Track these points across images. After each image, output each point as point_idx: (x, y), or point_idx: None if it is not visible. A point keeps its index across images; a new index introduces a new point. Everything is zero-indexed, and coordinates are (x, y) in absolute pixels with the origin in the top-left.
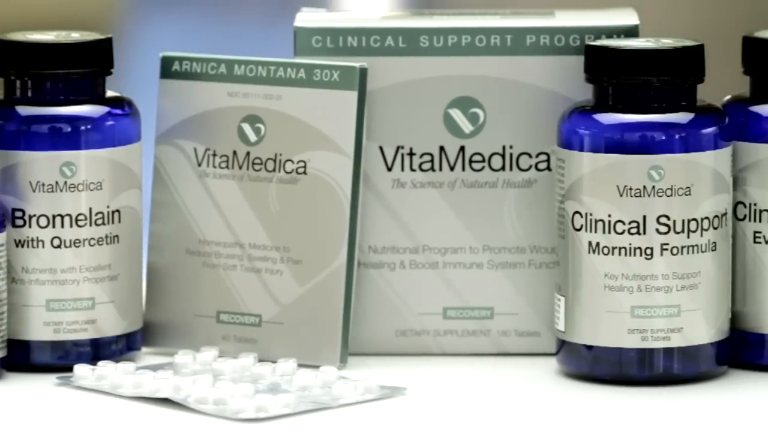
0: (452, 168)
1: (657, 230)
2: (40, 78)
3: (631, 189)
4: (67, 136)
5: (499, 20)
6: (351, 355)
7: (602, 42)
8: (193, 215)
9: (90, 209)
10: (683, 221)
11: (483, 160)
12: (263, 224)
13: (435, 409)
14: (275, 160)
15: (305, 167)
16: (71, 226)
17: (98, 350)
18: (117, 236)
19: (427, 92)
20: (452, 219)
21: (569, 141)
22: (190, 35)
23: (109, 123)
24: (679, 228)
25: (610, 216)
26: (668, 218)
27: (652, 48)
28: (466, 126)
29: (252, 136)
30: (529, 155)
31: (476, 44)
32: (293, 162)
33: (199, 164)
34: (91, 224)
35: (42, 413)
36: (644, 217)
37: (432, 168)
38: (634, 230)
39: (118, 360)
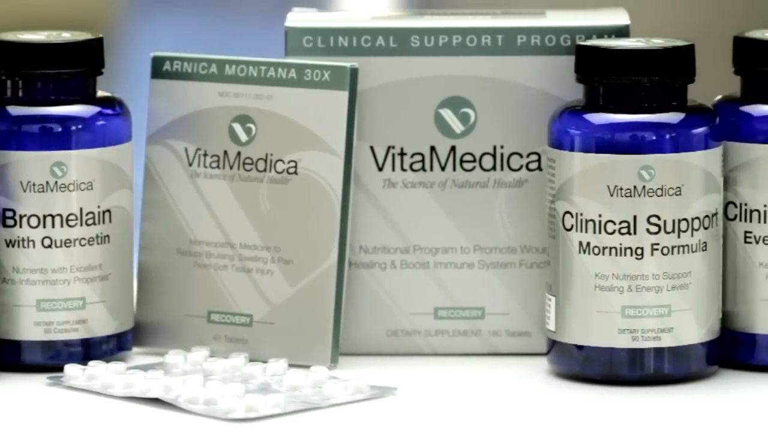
0: (443, 168)
1: (647, 230)
2: (31, 78)
3: (622, 189)
4: (58, 136)
5: (490, 20)
6: (342, 355)
7: (593, 42)
8: (184, 215)
9: (81, 209)
10: (674, 221)
11: (474, 160)
12: (254, 224)
13: (426, 409)
14: (266, 160)
15: (296, 167)
16: (62, 226)
17: (89, 350)
18: (108, 236)
19: (418, 92)
20: (443, 219)
21: (560, 141)
22: (189, 35)
23: (100, 123)
24: (670, 228)
25: (601, 216)
26: (659, 218)
27: (643, 48)
28: (457, 126)
29: (243, 136)
30: (520, 155)
31: (467, 44)
32: (284, 162)
33: (190, 164)
34: (82, 224)
35: (33, 413)
36: (635, 217)
37: (423, 168)
38: (625, 230)
39: (109, 360)
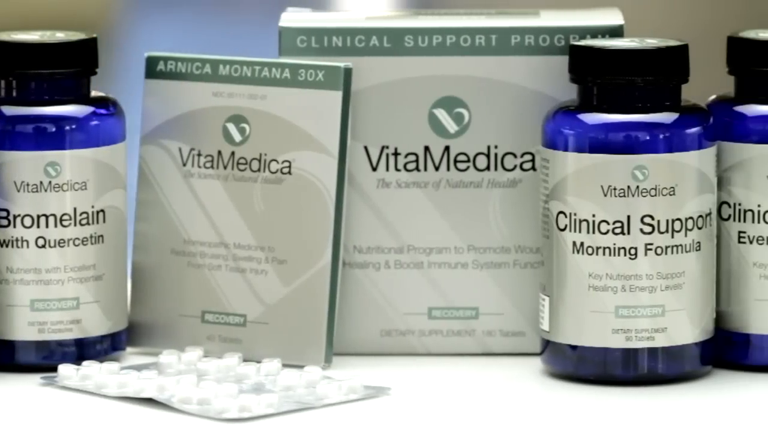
0: (437, 168)
1: (641, 230)
2: (25, 78)
3: (616, 189)
4: (52, 136)
5: (484, 20)
6: (336, 355)
7: (586, 42)
8: (178, 215)
9: (75, 209)
10: (667, 221)
11: (468, 160)
12: (248, 224)
13: (419, 409)
14: (260, 160)
15: (290, 167)
16: (56, 226)
17: (83, 350)
18: (102, 236)
19: (412, 92)
20: (437, 219)
21: (553, 141)
22: (188, 35)
23: (94, 123)
24: (664, 228)
25: (595, 216)
26: (652, 218)
27: (637, 48)
28: (451, 126)
29: (237, 136)
30: (514, 155)
31: (461, 44)
32: (278, 162)
33: (184, 164)
34: (76, 224)
35: (26, 413)
36: (628, 217)
37: (417, 168)
38: (619, 230)
39: (103, 360)
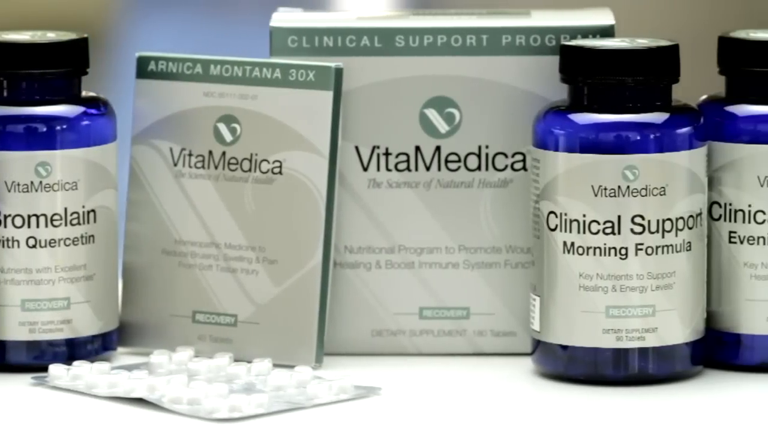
0: (428, 168)
1: (632, 230)
2: (16, 78)
3: (606, 189)
4: (43, 136)
5: (475, 20)
6: (327, 355)
7: (577, 42)
8: (169, 215)
9: (65, 209)
10: (658, 221)
11: (459, 160)
12: (239, 224)
13: (410, 410)
14: (251, 160)
15: (281, 167)
16: (46, 226)
17: (74, 350)
18: (92, 236)
19: (403, 92)
20: (428, 219)
21: (544, 141)
22: (187, 35)
23: (85, 123)
24: (654, 228)
25: (585, 216)
26: (643, 218)
27: (627, 48)
28: (442, 126)
29: (228, 136)
30: (505, 155)
31: (452, 44)
32: (269, 162)
33: (175, 164)
34: (67, 224)
35: (17, 413)
36: (619, 217)
37: (408, 168)
38: (609, 230)
39: (94, 360)
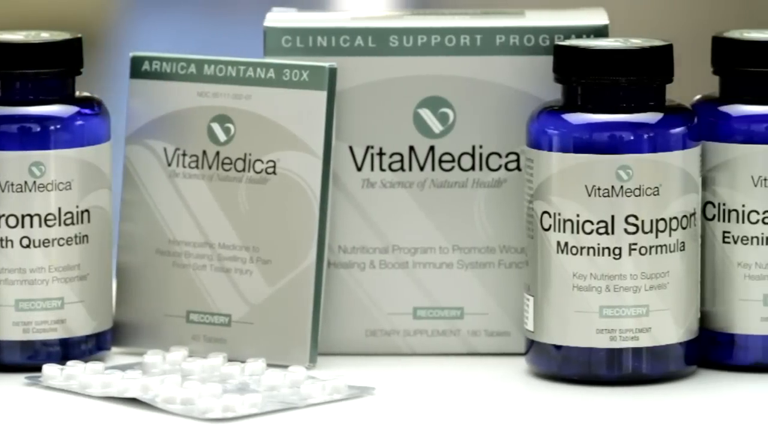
0: (422, 168)
1: (625, 230)
2: (10, 78)
3: (600, 189)
4: (37, 136)
5: (469, 20)
6: (321, 355)
7: (571, 42)
8: (163, 215)
9: (59, 209)
10: (652, 221)
11: (453, 160)
12: (233, 224)
13: (404, 409)
14: (245, 160)
15: (275, 167)
16: (40, 226)
17: (68, 350)
18: (86, 236)
19: (397, 92)
20: (422, 219)
21: (538, 141)
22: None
23: (79, 123)
24: (648, 228)
25: (579, 216)
26: (636, 218)
27: (621, 48)
28: (436, 126)
29: (221, 136)
30: (499, 155)
31: (446, 44)
32: (263, 162)
33: (169, 164)
34: (61, 224)
35: (10, 413)
36: (612, 217)
37: (402, 168)
38: (603, 230)
39: (88, 360)
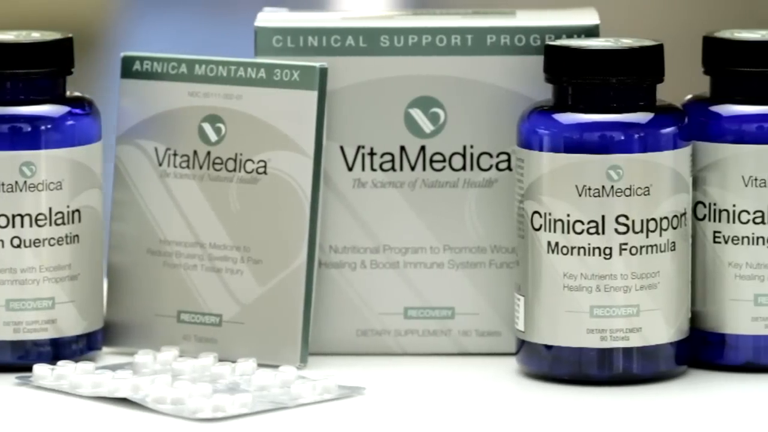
0: (413, 168)
1: (616, 230)
2: (0, 78)
3: (590, 189)
4: (27, 136)
5: (460, 20)
6: (312, 355)
7: (561, 42)
8: (154, 215)
9: (50, 209)
10: (642, 221)
11: (444, 160)
12: (224, 224)
13: (394, 409)
14: (236, 160)
15: (265, 167)
16: (31, 226)
17: (58, 350)
18: (77, 236)
19: (388, 92)
20: (413, 219)
21: (528, 141)
22: (185, 35)
23: (69, 123)
24: (638, 228)
25: (569, 216)
26: (627, 218)
27: (611, 48)
28: (427, 126)
29: (212, 136)
30: (490, 155)
31: (437, 44)
32: (253, 162)
33: (160, 164)
34: (51, 224)
35: (1, 413)
36: (603, 217)
37: (393, 168)
38: (593, 230)
39: (79, 360)
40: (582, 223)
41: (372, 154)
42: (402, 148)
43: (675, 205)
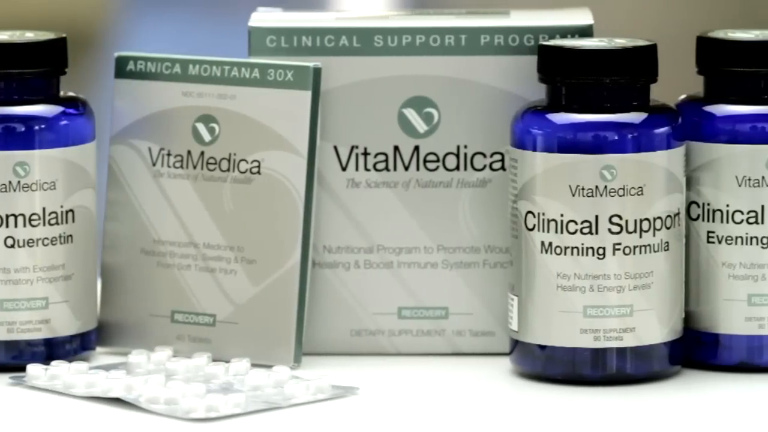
0: (407, 168)
1: (609, 230)
2: None
3: (584, 189)
4: (21, 136)
5: (454, 20)
6: (305, 355)
7: (555, 42)
8: (148, 215)
9: (44, 209)
10: (635, 221)
11: (437, 160)
12: (217, 224)
13: (387, 409)
14: (229, 160)
15: (259, 167)
16: (25, 226)
17: (52, 350)
18: (71, 236)
19: (382, 92)
20: (407, 219)
21: (522, 141)
22: (185, 35)
23: (63, 123)
24: (632, 228)
25: (563, 216)
26: (620, 218)
27: (605, 48)
28: (421, 126)
29: (206, 136)
30: (484, 155)
31: (430, 44)
32: (247, 162)
33: (154, 164)
34: (45, 224)
35: None
36: (596, 217)
37: (386, 168)
38: (587, 230)
39: (73, 360)
40: (575, 223)
41: (366, 154)
42: (396, 148)
43: (668, 205)
